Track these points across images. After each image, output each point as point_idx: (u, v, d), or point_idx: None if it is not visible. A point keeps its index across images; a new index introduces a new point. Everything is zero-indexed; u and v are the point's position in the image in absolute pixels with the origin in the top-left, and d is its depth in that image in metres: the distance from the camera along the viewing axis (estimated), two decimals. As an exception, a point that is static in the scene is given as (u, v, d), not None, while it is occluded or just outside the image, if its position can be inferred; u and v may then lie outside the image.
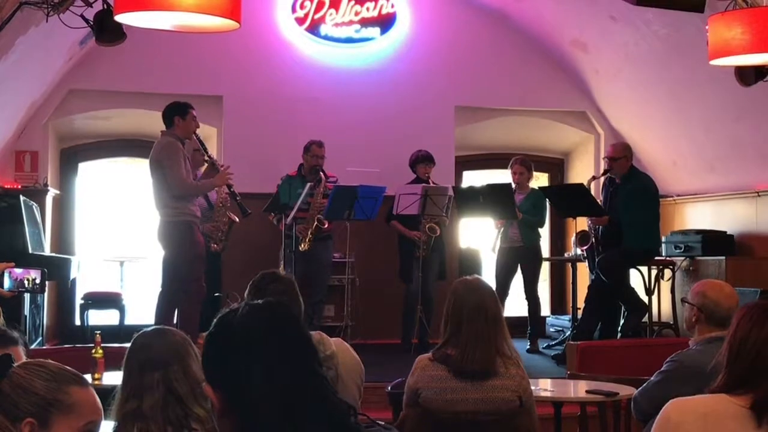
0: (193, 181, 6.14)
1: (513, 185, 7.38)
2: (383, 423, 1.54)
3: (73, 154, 8.41)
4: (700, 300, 3.46)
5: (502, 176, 7.97)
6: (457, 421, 3.43)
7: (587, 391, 4.23)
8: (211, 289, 6.65)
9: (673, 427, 2.11)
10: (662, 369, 3.47)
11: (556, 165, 9.39)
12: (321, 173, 7.08)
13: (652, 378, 3.51)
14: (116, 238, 8.70)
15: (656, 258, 7.21)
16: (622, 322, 7.08)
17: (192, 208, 6.03)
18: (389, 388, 4.20)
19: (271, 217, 7.14)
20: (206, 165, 6.44)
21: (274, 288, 3.16)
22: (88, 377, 4.43)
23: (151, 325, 2.74)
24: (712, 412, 2.10)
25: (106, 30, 5.10)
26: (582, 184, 6.98)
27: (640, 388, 3.55)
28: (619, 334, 6.98)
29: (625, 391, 4.11)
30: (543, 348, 7.56)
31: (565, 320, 8.13)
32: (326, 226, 7.04)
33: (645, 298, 7.10)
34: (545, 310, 9.03)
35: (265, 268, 6.86)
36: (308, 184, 6.81)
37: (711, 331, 3.38)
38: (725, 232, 7.49)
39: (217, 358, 1.44)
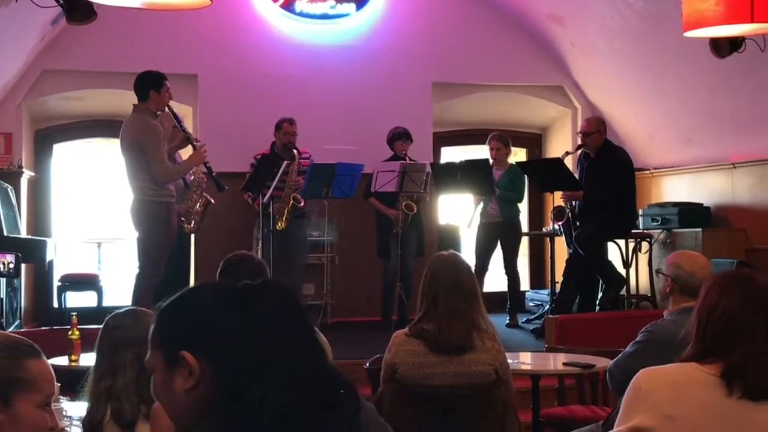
0: (173, 165, 6.04)
1: (491, 161, 7.39)
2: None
3: (47, 136, 8.33)
4: (674, 271, 3.48)
5: (481, 152, 7.97)
6: (434, 395, 3.45)
7: (564, 364, 4.26)
8: (181, 269, 6.63)
9: (643, 396, 2.12)
10: (636, 340, 3.50)
11: (533, 140, 9.40)
12: (294, 150, 7.04)
13: (626, 349, 3.53)
14: (93, 220, 8.65)
15: (633, 231, 7.26)
16: (600, 295, 7.12)
17: (169, 187, 5.95)
18: (367, 364, 4.21)
19: (246, 197, 7.11)
20: (179, 138, 6.28)
21: (244, 268, 3.15)
22: (65, 359, 4.42)
23: (125, 307, 2.72)
24: (682, 381, 2.11)
25: (77, 8, 5.04)
26: (559, 159, 6.99)
27: (615, 360, 3.58)
28: (598, 307, 7.03)
29: (602, 362, 4.14)
30: (522, 322, 7.60)
31: (544, 294, 8.17)
32: (302, 204, 7.02)
33: (622, 271, 7.15)
34: (525, 284, 9.07)
35: (239, 248, 6.86)
36: (284, 162, 6.78)
37: (685, 302, 3.40)
38: (702, 204, 7.54)
39: (219, 327, 1.37)
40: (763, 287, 2.14)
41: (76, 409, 2.89)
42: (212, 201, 6.40)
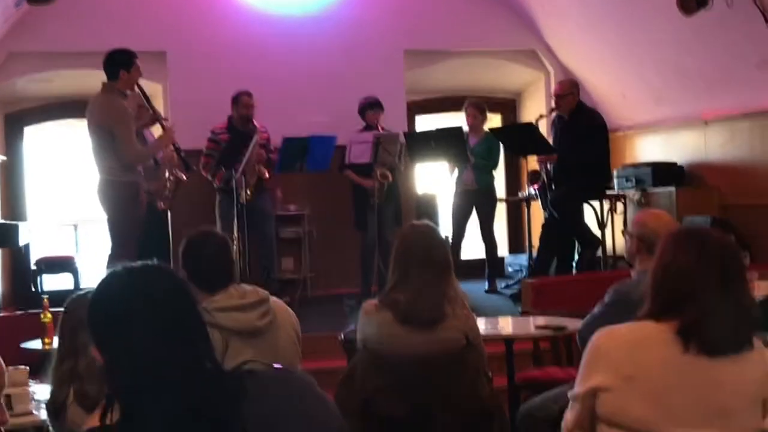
0: (141, 147, 5.98)
1: (466, 128, 7.38)
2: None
3: (17, 119, 8.25)
4: (639, 230, 3.49)
5: (456, 119, 7.95)
6: (405, 364, 3.45)
7: (536, 327, 4.27)
8: (160, 248, 6.58)
9: (602, 355, 2.14)
10: (604, 301, 3.52)
11: (508, 105, 9.38)
12: (253, 122, 6.98)
13: (594, 310, 3.55)
14: (69, 201, 8.58)
15: (608, 192, 7.27)
16: (576, 257, 7.15)
17: (137, 167, 5.89)
18: (342, 336, 4.21)
19: (205, 173, 7.04)
20: (146, 117, 6.22)
21: (208, 244, 3.13)
22: (38, 342, 4.41)
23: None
24: (640, 339, 2.13)
25: (36, -10, 4.96)
26: (531, 123, 6.98)
27: (584, 321, 3.60)
28: (574, 270, 7.06)
29: (575, 324, 4.14)
30: (501, 288, 7.62)
31: (522, 259, 8.19)
32: (267, 176, 6.98)
33: (598, 233, 7.17)
34: (503, 250, 9.09)
35: (211, 225, 6.79)
36: (254, 137, 6.73)
37: (651, 261, 3.41)
38: (675, 163, 7.56)
39: (95, 321, 1.41)
40: (716, 243, 2.15)
41: (45, 392, 2.89)
42: (184, 178, 6.36)
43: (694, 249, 2.13)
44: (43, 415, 2.72)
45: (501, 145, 7.37)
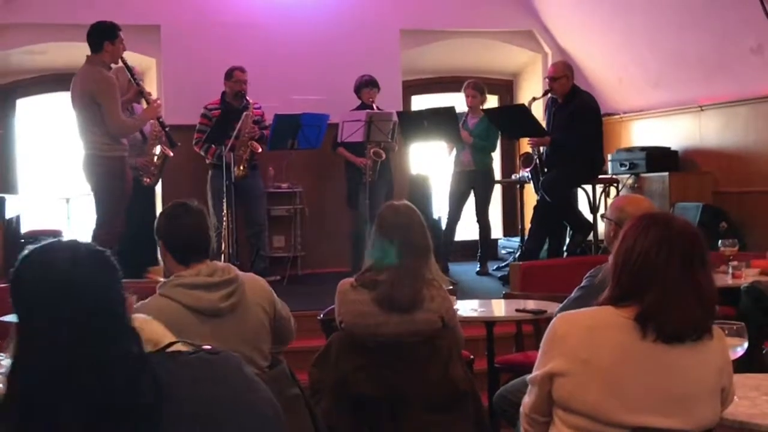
0: (128, 119, 5.95)
1: (465, 109, 7.34)
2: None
3: (10, 91, 8.21)
4: (617, 215, 3.46)
5: (451, 99, 7.89)
6: (380, 344, 3.44)
7: (517, 310, 4.25)
8: (147, 225, 6.55)
9: (559, 340, 2.11)
10: (581, 285, 3.49)
11: (504, 86, 9.32)
12: (246, 99, 6.95)
13: (571, 294, 3.53)
14: (61, 175, 8.56)
15: (601, 176, 7.23)
16: (567, 241, 7.12)
17: (122, 141, 5.86)
18: (321, 315, 4.19)
19: (198, 149, 7.01)
20: (131, 91, 6.19)
21: (185, 217, 3.10)
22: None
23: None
24: (598, 325, 2.10)
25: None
26: (523, 105, 6.93)
27: (561, 305, 3.57)
28: (565, 253, 7.03)
29: (555, 308, 4.12)
30: (493, 270, 7.60)
31: (515, 242, 8.17)
32: (259, 150, 6.95)
33: (590, 217, 7.13)
34: (497, 232, 9.07)
35: (205, 201, 6.78)
36: (245, 113, 6.69)
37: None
38: (669, 148, 7.51)
39: (11, 299, 1.39)
40: (680, 230, 2.11)
41: None
42: (170, 154, 6.32)
43: (656, 234, 2.09)
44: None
45: (497, 126, 7.33)
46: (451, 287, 5.14)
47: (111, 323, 1.31)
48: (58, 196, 8.37)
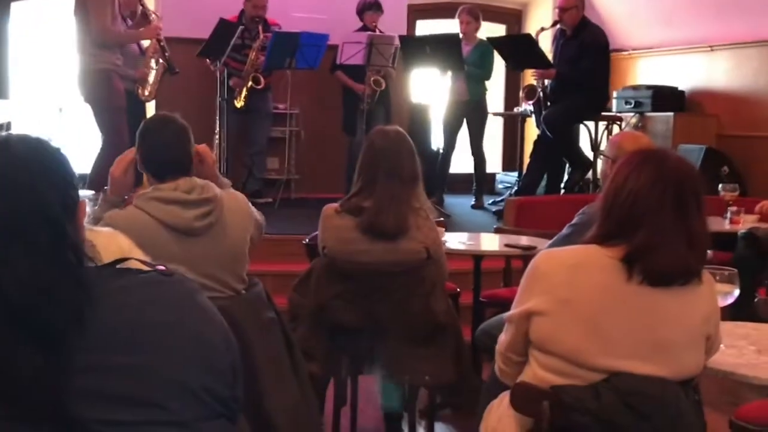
0: (116, 29, 5.83)
1: (460, 35, 7.12)
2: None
3: (5, -6, 7.97)
4: (615, 152, 3.32)
5: (453, 26, 7.67)
6: (362, 272, 3.35)
7: (506, 245, 4.15)
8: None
9: (540, 277, 2.01)
10: (572, 222, 3.38)
11: (513, 15, 9.07)
12: (260, 26, 6.77)
13: (562, 231, 3.43)
14: (55, 83, 8.38)
15: (605, 113, 7.06)
16: (566, 178, 7.00)
17: (112, 56, 5.76)
18: (306, 240, 4.09)
19: (208, 62, 6.87)
20: (139, 13, 6.12)
21: (165, 131, 2.97)
22: None
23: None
24: (582, 263, 1.99)
25: None
26: (529, 35, 6.73)
27: (551, 242, 3.48)
28: (563, 190, 6.92)
29: (545, 245, 4.02)
30: (488, 204, 7.49)
31: (514, 176, 8.04)
32: (261, 86, 6.80)
33: (591, 155, 6.99)
34: (497, 166, 8.94)
35: (201, 119, 6.68)
36: (240, 28, 6.51)
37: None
38: (676, 87, 7.33)
39: None
40: (674, 168, 1.99)
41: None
42: (177, 70, 6.16)
43: (649, 172, 1.97)
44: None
45: (494, 55, 7.11)
46: (441, 219, 5.10)
47: (44, 227, 1.19)
48: (51, 104, 8.21)
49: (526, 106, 7.23)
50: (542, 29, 6.88)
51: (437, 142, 7.73)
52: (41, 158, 1.25)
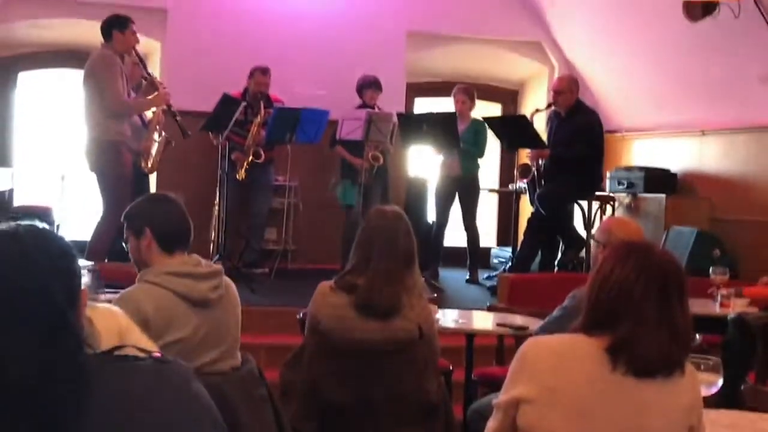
0: (127, 99, 6.00)
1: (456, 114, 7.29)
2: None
3: (12, 64, 8.16)
4: (605, 237, 3.41)
5: (450, 104, 7.84)
6: (355, 350, 3.38)
7: (498, 324, 4.20)
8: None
9: (527, 364, 2.06)
10: (563, 305, 3.44)
11: (509, 95, 9.27)
12: (262, 103, 6.92)
13: (553, 314, 3.48)
14: (58, 152, 8.50)
15: (598, 193, 7.18)
16: (560, 256, 7.07)
17: (121, 127, 5.93)
18: (300, 314, 4.13)
19: (211, 136, 7.00)
20: (145, 83, 6.31)
21: (173, 205, 3.06)
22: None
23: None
24: (568, 352, 2.05)
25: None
26: (524, 116, 6.89)
27: (541, 324, 3.53)
28: (556, 268, 6.98)
29: (536, 324, 4.07)
30: (483, 279, 7.55)
31: (508, 251, 8.11)
32: (261, 159, 6.93)
33: (584, 233, 7.07)
34: (492, 241, 9.02)
35: (203, 190, 6.79)
36: (242, 104, 6.65)
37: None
38: (669, 170, 7.46)
39: None
40: (659, 260, 2.06)
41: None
42: (173, 142, 6.30)
43: (634, 263, 2.04)
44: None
45: (488, 134, 7.27)
46: (434, 295, 5.15)
47: (48, 315, 1.26)
48: (54, 172, 8.31)
49: (521, 184, 7.35)
50: (537, 110, 7.04)
51: (434, 216, 7.83)
52: (48, 249, 1.32)
